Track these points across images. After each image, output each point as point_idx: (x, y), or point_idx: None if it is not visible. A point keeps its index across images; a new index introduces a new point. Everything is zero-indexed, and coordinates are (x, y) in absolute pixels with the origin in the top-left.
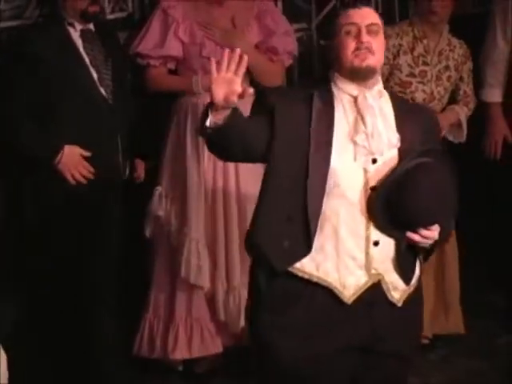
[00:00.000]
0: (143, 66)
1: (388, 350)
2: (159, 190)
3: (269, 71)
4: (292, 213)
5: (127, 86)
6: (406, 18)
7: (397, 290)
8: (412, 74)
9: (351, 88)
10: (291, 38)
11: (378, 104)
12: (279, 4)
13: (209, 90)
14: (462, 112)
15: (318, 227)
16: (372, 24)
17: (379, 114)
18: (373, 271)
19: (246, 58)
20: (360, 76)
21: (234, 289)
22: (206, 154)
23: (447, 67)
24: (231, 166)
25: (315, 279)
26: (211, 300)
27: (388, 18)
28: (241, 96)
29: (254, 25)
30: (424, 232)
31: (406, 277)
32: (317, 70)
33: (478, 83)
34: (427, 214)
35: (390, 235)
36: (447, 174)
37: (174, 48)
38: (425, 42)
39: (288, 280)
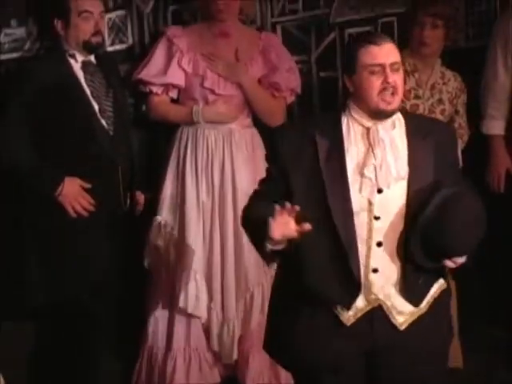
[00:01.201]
0: (145, 93)
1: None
2: (158, 219)
3: (271, 107)
4: (332, 252)
5: (128, 118)
6: None
7: (402, 313)
8: (403, 108)
9: (366, 120)
10: (295, 75)
11: (390, 136)
12: (279, 36)
13: (269, 228)
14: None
15: None
16: (395, 63)
17: (390, 147)
18: (372, 296)
19: (297, 208)
20: (382, 117)
21: (229, 320)
22: (205, 184)
23: (440, 100)
24: (229, 197)
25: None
26: (208, 330)
27: None
28: (299, 231)
29: (258, 59)
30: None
31: (414, 300)
32: (316, 103)
33: (478, 115)
34: (464, 243)
35: (422, 264)
36: (479, 203)
37: (176, 76)
38: (416, 75)
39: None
